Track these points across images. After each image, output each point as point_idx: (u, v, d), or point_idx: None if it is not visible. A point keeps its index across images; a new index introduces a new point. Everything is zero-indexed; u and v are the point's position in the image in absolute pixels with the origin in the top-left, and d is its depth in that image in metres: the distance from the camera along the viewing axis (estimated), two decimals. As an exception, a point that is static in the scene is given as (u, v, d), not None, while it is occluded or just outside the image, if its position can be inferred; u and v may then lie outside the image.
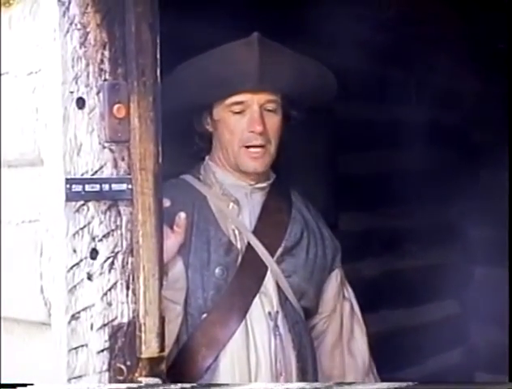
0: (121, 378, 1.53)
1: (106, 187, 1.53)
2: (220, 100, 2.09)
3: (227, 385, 1.99)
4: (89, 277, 1.51)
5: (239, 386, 1.98)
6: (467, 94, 4.29)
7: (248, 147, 2.08)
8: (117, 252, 1.54)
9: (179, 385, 1.69)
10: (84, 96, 1.51)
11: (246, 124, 2.07)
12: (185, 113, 2.14)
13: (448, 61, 3.79)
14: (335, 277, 2.28)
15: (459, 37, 3.64)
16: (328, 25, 3.12)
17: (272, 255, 2.12)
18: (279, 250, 2.14)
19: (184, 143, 2.23)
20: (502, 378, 3.63)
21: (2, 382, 1.59)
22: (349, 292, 2.32)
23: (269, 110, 2.09)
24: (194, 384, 1.96)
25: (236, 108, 2.08)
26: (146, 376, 1.56)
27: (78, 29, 1.51)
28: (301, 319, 2.17)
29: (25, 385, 1.52)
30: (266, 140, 2.08)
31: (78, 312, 1.50)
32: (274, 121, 2.10)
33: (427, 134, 4.09)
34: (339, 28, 3.18)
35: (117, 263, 1.54)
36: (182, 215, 1.93)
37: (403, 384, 1.75)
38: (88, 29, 1.51)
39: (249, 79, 2.03)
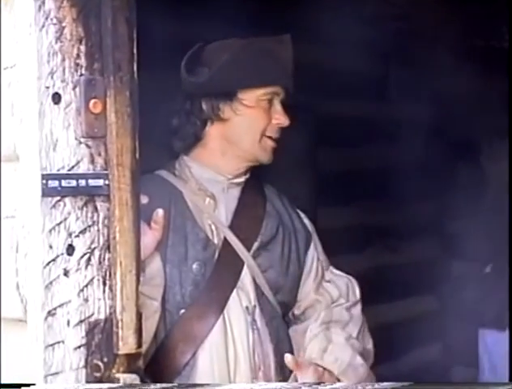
0: (98, 374, 1.53)
1: (83, 183, 1.53)
2: (253, 88, 2.12)
3: (208, 385, 1.99)
4: (65, 273, 1.51)
5: (220, 386, 1.98)
6: (446, 89, 4.31)
7: (270, 138, 2.14)
8: (94, 248, 1.54)
9: (158, 385, 1.69)
10: (60, 91, 1.51)
11: (275, 116, 2.14)
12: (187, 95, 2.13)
13: (428, 55, 3.81)
14: (309, 267, 2.25)
15: (445, 31, 3.65)
16: (308, 23, 3.12)
17: (248, 250, 2.13)
18: (255, 245, 2.15)
19: (162, 137, 2.22)
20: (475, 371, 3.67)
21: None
22: (332, 277, 2.30)
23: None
24: (175, 384, 1.96)
25: (265, 98, 2.13)
26: (123, 372, 1.56)
27: (54, 24, 1.50)
28: (278, 314, 2.18)
29: (25, 385, 1.52)
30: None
31: (55, 308, 1.50)
32: None
33: (409, 131, 4.12)
34: (321, 24, 3.19)
35: (94, 259, 1.54)
36: (160, 211, 1.94)
37: (398, 384, 1.73)
38: (64, 24, 1.51)
39: (287, 76, 2.13)
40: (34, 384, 1.51)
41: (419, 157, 4.28)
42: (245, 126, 2.13)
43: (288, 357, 2.02)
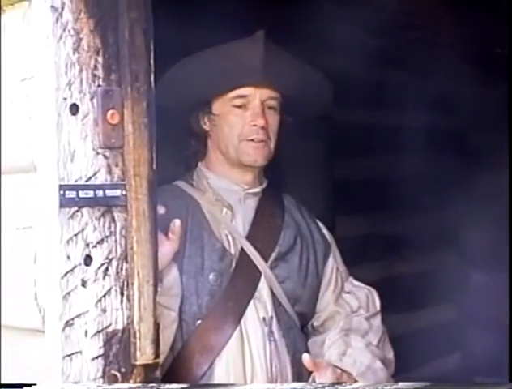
0: (115, 385, 1.53)
1: (100, 193, 1.53)
2: (222, 94, 2.12)
3: (224, 385, 1.99)
4: (83, 284, 1.51)
5: (236, 386, 1.97)
6: (466, 99, 4.31)
7: (249, 140, 2.11)
8: (112, 258, 1.55)
9: (174, 385, 1.68)
10: (78, 102, 1.51)
11: (249, 118, 2.10)
12: (183, 111, 2.15)
13: (446, 66, 3.80)
14: (328, 274, 2.25)
15: (458, 41, 3.64)
16: (325, 29, 3.12)
17: (266, 260, 2.13)
18: (273, 256, 2.15)
19: (179, 147, 2.23)
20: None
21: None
22: (352, 287, 2.29)
23: (270, 107, 2.13)
24: (190, 384, 1.96)
25: (238, 101, 2.10)
26: (141, 383, 1.56)
27: (72, 35, 1.51)
28: (296, 325, 2.18)
29: (26, 385, 1.52)
30: (267, 136, 2.11)
31: (73, 319, 1.50)
32: (274, 119, 2.14)
33: (424, 140, 4.11)
34: (336, 33, 3.19)
35: (112, 270, 1.55)
36: (177, 222, 1.94)
37: (420, 384, 1.73)
38: (82, 35, 1.52)
39: (254, 73, 2.07)
40: (35, 384, 1.51)
41: (435, 166, 4.27)
42: (224, 134, 2.13)
43: (306, 357, 1.99)
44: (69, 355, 1.50)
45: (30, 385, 1.52)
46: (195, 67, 2.12)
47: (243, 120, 2.10)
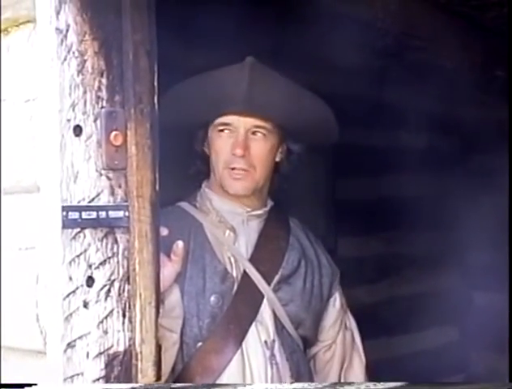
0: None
1: (103, 214, 1.54)
2: (212, 121, 2.12)
3: (224, 385, 1.98)
4: (85, 305, 1.52)
5: (236, 386, 1.97)
6: (465, 120, 4.31)
7: (231, 169, 2.10)
8: (114, 280, 1.55)
9: (177, 385, 1.67)
10: (81, 124, 1.53)
11: (230, 146, 2.09)
12: (184, 134, 2.16)
13: (447, 88, 3.81)
14: (333, 303, 2.28)
15: (458, 63, 3.66)
16: (325, 53, 3.13)
17: (269, 283, 2.13)
18: (276, 278, 2.15)
19: (182, 168, 2.24)
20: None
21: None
22: (351, 322, 2.33)
23: (257, 136, 2.10)
24: (192, 384, 1.96)
25: (223, 129, 2.10)
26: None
27: (76, 57, 1.53)
28: (299, 348, 2.18)
29: (26, 385, 1.52)
30: (249, 165, 2.09)
31: (74, 340, 1.51)
32: (259, 147, 2.11)
33: (425, 160, 4.11)
34: (337, 54, 3.20)
35: (114, 291, 1.55)
36: (180, 243, 1.94)
37: (399, 384, 1.74)
38: (86, 57, 1.53)
39: (237, 102, 2.05)
40: (35, 384, 1.51)
41: (437, 187, 4.27)
42: (213, 160, 2.14)
43: None
44: (70, 377, 1.50)
45: (30, 385, 1.52)
46: (189, 92, 2.13)
47: (227, 147, 2.10)
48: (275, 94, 2.08)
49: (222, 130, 2.10)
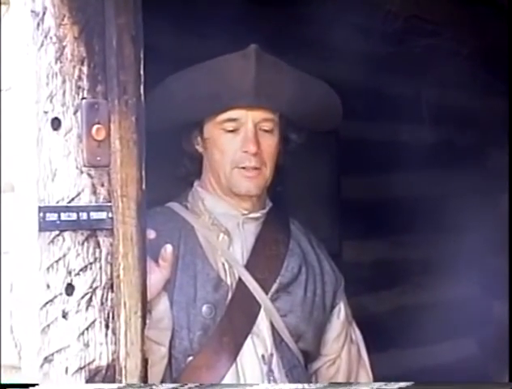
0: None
1: (84, 216, 1.55)
2: (211, 117, 2.11)
3: (224, 385, 1.99)
4: (64, 315, 1.52)
5: (236, 386, 1.97)
6: (480, 114, 4.32)
7: (241, 168, 2.10)
8: (96, 287, 1.55)
9: (163, 385, 1.68)
10: (60, 116, 1.53)
11: (239, 144, 2.08)
12: (173, 131, 2.16)
13: (457, 78, 3.82)
14: (337, 314, 2.28)
15: (468, 53, 3.67)
16: (331, 40, 3.14)
17: (266, 292, 2.13)
18: (274, 287, 2.15)
19: (170, 166, 2.24)
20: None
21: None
22: (356, 335, 2.33)
23: (265, 130, 2.11)
24: (180, 384, 1.96)
25: (229, 125, 2.09)
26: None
27: (54, 43, 1.53)
28: (300, 363, 2.18)
29: (26, 385, 1.52)
30: (261, 162, 2.10)
31: (52, 354, 1.51)
32: (270, 143, 2.12)
33: (437, 157, 4.11)
34: (343, 43, 3.21)
35: (96, 300, 1.55)
36: (169, 247, 1.94)
37: (403, 384, 1.76)
38: (65, 43, 1.54)
39: (244, 94, 2.05)
40: (36, 384, 1.51)
41: (454, 185, 4.27)
42: (215, 161, 2.13)
43: None
44: (48, 394, 1.50)
45: (30, 385, 1.52)
46: (182, 86, 2.11)
47: (234, 145, 2.09)
48: (282, 83, 2.09)
49: (226, 127, 2.09)
